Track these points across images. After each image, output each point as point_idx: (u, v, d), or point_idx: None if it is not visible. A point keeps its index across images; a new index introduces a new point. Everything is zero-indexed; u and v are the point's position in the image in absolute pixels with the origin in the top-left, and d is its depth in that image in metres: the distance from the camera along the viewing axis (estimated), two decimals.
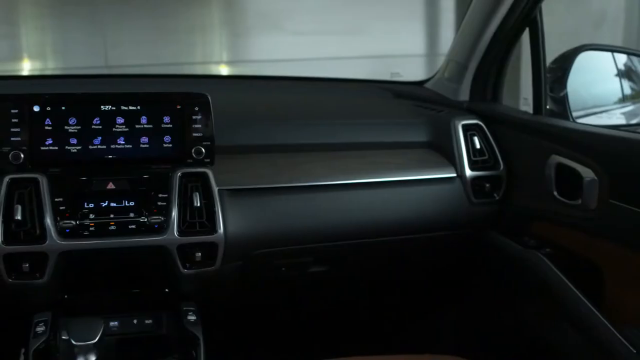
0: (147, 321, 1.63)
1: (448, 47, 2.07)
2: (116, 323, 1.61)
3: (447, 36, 5.33)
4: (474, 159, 1.76)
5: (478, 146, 1.77)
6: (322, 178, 1.65)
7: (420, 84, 2.20)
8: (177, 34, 4.90)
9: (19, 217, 1.41)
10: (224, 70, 5.16)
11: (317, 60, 4.84)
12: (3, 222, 1.41)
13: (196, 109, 1.54)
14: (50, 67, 4.87)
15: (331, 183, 1.66)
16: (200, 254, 1.50)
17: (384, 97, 2.16)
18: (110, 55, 4.71)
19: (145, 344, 1.61)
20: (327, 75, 2.33)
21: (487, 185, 1.76)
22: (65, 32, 4.78)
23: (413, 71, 4.77)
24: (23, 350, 1.79)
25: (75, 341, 1.41)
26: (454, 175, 1.76)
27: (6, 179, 1.45)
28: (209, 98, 1.55)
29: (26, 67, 4.77)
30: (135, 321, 1.63)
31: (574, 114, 1.77)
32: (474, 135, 1.78)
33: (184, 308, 1.59)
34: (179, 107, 1.54)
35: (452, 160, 1.77)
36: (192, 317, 1.57)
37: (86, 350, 1.41)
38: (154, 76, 2.53)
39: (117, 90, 1.58)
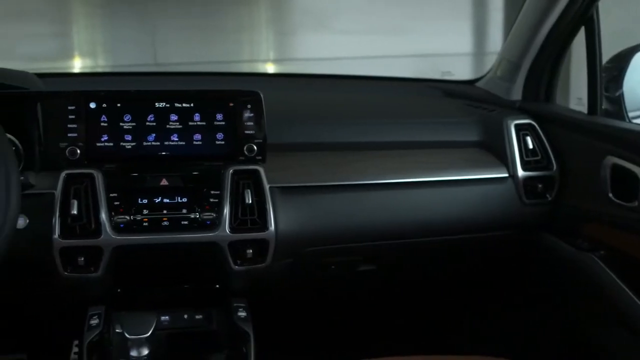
0: (197, 316, 1.65)
1: (496, 45, 2.05)
2: (167, 318, 1.63)
3: (495, 35, 5.28)
4: (526, 159, 1.74)
5: (531, 146, 1.75)
6: (372, 177, 1.65)
7: (471, 82, 2.18)
8: (224, 32, 4.94)
9: (75, 211, 1.43)
10: (270, 68, 5.18)
11: (363, 59, 4.83)
12: (60, 216, 1.44)
13: (249, 106, 1.55)
14: (100, 64, 4.96)
15: (382, 182, 1.65)
16: (251, 251, 1.51)
17: (435, 95, 2.14)
18: (159, 53, 4.77)
19: (196, 339, 1.63)
20: (373, 74, 2.33)
21: (540, 185, 1.73)
22: (116, 31, 4.86)
23: (459, 70, 4.72)
24: (76, 342, 1.83)
25: (129, 334, 1.43)
26: (506, 175, 1.73)
27: (63, 174, 1.47)
28: (262, 96, 1.56)
29: (77, 65, 4.86)
30: (185, 316, 1.65)
31: (630, 114, 1.73)
32: (527, 135, 1.76)
33: (235, 304, 1.61)
34: (231, 104, 1.55)
35: (504, 160, 1.75)
36: (242, 314, 1.58)
37: (139, 344, 1.44)
38: (202, 74, 2.55)
39: (166, 88, 1.60)
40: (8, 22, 4.59)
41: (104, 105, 1.51)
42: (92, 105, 1.51)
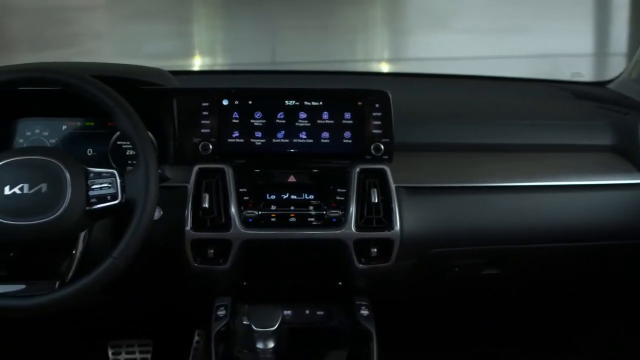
0: (318, 312, 1.67)
1: (620, 46, 1.97)
2: (289, 312, 1.65)
3: (620, 35, 5.05)
4: None
5: None
6: (501, 179, 1.61)
7: (602, 84, 2.10)
8: (340, 31, 4.96)
9: (206, 205, 1.48)
10: (384, 67, 5.16)
11: (480, 59, 4.74)
12: (192, 209, 1.48)
13: (377, 105, 1.55)
14: (219, 62, 5.08)
15: (510, 185, 1.61)
16: (375, 250, 1.51)
17: (564, 97, 2.07)
18: (277, 52, 4.84)
19: (318, 335, 1.64)
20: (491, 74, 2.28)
21: None
22: (235, 30, 4.97)
23: (575, 71, 4.54)
24: (198, 332, 1.88)
25: (256, 327, 1.46)
26: None
27: (195, 168, 1.52)
28: (390, 95, 1.55)
29: (197, 63, 5.00)
30: (307, 312, 1.67)
31: None
32: None
33: (357, 302, 1.61)
34: (360, 103, 1.56)
35: (639, 166, 1.68)
36: (365, 312, 1.59)
37: (265, 337, 1.47)
38: (320, 73, 2.58)
39: (285, 86, 1.62)
40: (135, 22, 4.79)
41: (236, 102, 1.56)
42: (225, 102, 1.55)
